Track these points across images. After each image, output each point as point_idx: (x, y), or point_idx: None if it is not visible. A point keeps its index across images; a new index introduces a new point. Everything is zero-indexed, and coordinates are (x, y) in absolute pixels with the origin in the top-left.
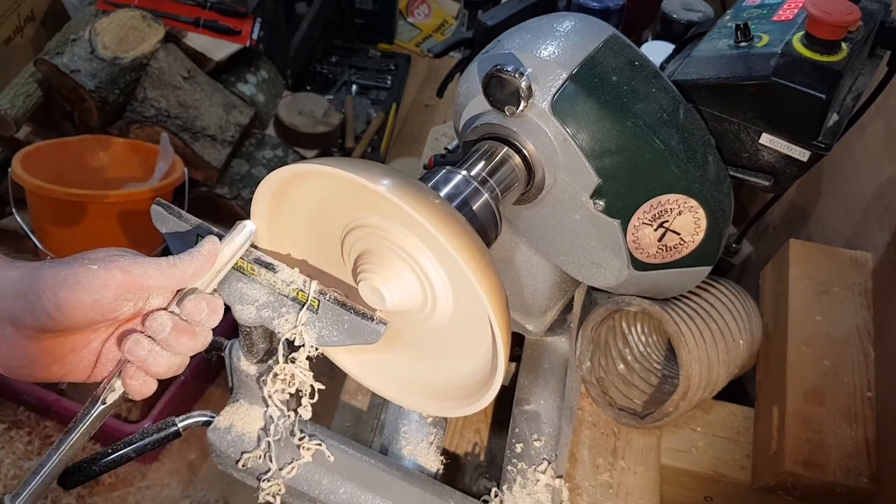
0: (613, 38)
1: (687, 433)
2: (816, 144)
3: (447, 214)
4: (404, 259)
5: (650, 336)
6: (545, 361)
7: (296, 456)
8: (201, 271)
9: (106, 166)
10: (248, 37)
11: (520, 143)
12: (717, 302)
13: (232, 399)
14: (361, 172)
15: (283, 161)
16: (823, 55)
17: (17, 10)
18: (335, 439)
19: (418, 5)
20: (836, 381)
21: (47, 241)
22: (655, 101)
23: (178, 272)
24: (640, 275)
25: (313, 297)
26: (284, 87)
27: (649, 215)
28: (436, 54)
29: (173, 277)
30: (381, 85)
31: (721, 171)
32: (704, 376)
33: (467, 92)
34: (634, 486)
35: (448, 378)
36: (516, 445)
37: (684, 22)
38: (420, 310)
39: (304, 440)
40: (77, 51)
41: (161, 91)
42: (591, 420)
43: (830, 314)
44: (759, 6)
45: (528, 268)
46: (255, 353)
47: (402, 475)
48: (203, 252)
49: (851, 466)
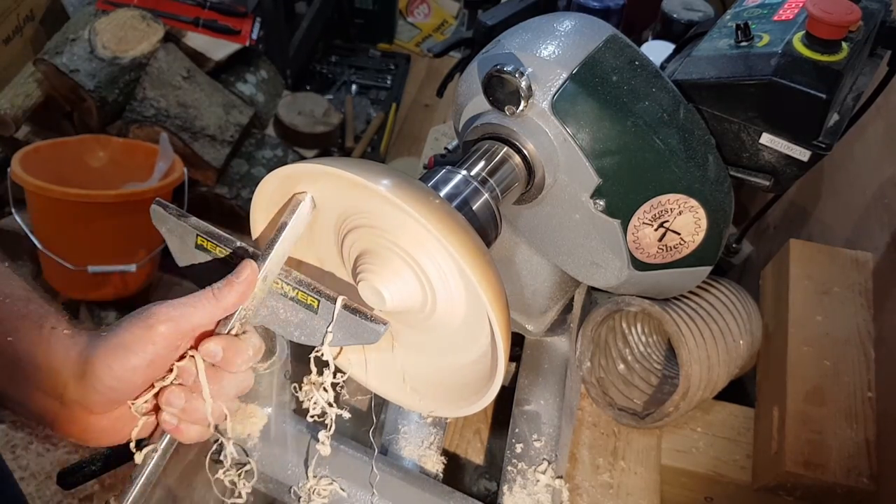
0: (614, 37)
1: (687, 433)
2: (817, 144)
3: (447, 214)
4: (404, 259)
5: (650, 336)
6: (545, 361)
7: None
8: (243, 298)
9: (105, 166)
10: (248, 36)
11: (520, 142)
12: (717, 302)
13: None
14: (361, 172)
15: (282, 161)
16: (824, 55)
17: (16, 10)
18: (335, 439)
19: (418, 5)
20: (836, 381)
21: (47, 242)
22: (656, 101)
23: (221, 304)
24: (640, 275)
25: (313, 296)
26: (284, 87)
27: (649, 215)
28: (436, 54)
29: (217, 310)
30: (380, 85)
31: (721, 171)
32: (704, 376)
33: (467, 92)
34: (635, 487)
35: (448, 378)
36: (516, 446)
37: (684, 22)
38: (420, 310)
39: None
40: (76, 50)
41: (160, 91)
42: (592, 420)
43: (831, 314)
44: (760, 6)
45: (528, 268)
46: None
47: (402, 475)
48: (242, 280)
49: (852, 467)
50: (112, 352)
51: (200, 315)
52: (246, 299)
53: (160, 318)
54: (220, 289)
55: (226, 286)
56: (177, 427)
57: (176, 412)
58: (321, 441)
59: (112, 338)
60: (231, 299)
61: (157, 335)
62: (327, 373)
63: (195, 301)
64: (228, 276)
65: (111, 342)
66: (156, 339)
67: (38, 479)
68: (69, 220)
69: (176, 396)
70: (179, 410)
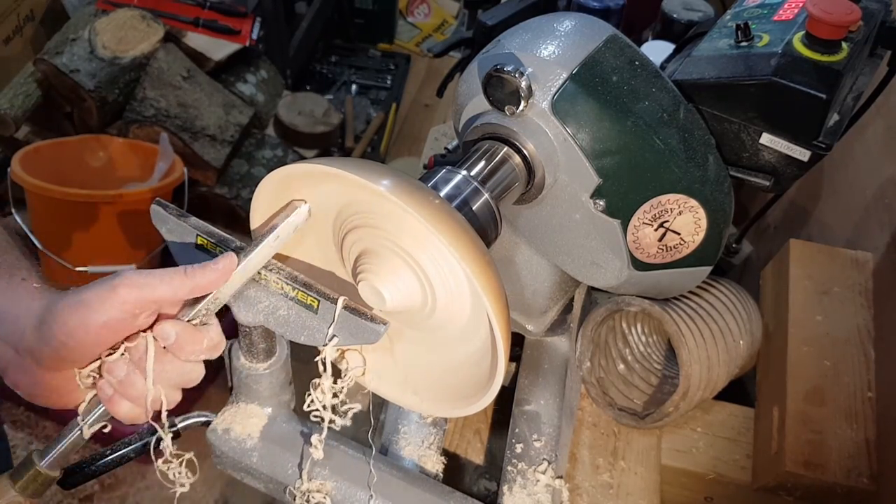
0: (614, 37)
1: (687, 433)
2: (817, 144)
3: (447, 214)
4: (404, 259)
5: (650, 336)
6: (545, 361)
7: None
8: (213, 285)
9: (105, 166)
10: (248, 36)
11: (520, 142)
12: (717, 302)
13: (231, 399)
14: (361, 172)
15: (282, 161)
16: (824, 55)
17: (16, 10)
18: (335, 439)
19: (418, 5)
20: (836, 381)
21: (47, 242)
22: (656, 101)
23: (189, 283)
24: (640, 275)
25: (313, 296)
26: (284, 87)
27: (649, 215)
28: (436, 54)
29: (183, 288)
30: (380, 85)
31: (721, 171)
32: (704, 376)
33: (467, 92)
34: (635, 487)
35: (448, 378)
36: (516, 446)
37: (684, 22)
38: (420, 310)
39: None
40: (76, 50)
41: (161, 91)
42: (592, 420)
43: (831, 314)
44: (760, 6)
45: (528, 268)
46: (255, 354)
47: (402, 475)
48: (219, 267)
49: (852, 467)
50: (71, 308)
51: (166, 288)
52: (216, 287)
53: (125, 282)
54: (194, 269)
55: (199, 268)
56: (111, 397)
57: (114, 382)
58: (314, 444)
59: (74, 295)
60: (200, 281)
61: (118, 298)
62: (325, 375)
63: (164, 275)
64: (206, 262)
65: (73, 298)
66: (116, 301)
67: None
68: (69, 220)
69: (117, 366)
70: (117, 382)
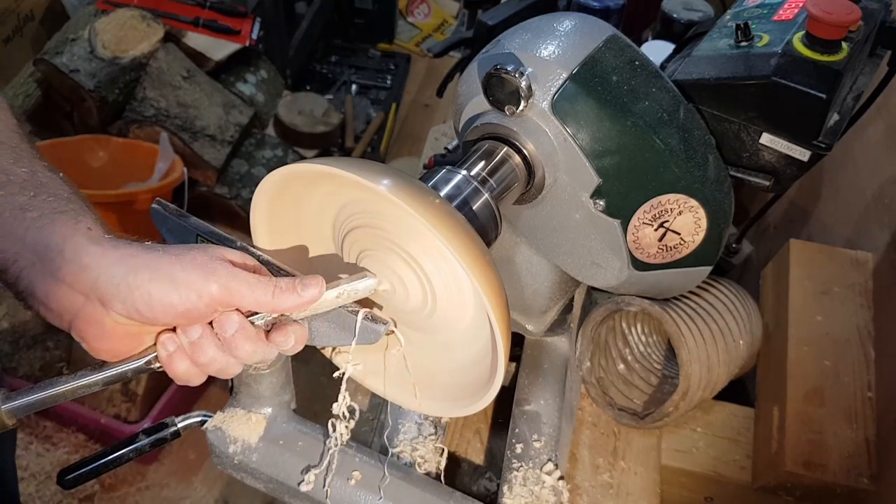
0: (613, 37)
1: (687, 433)
2: (817, 144)
3: (447, 214)
4: (404, 259)
5: (650, 336)
6: (545, 361)
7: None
8: (296, 311)
9: (105, 166)
10: (248, 36)
11: (520, 142)
12: (717, 302)
13: (231, 399)
14: (361, 172)
15: (282, 161)
16: (824, 55)
17: (16, 10)
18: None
19: (418, 5)
20: (836, 381)
21: None
22: (655, 101)
23: (272, 303)
24: (640, 275)
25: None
26: (284, 87)
27: (649, 215)
28: (436, 54)
29: (266, 305)
30: (380, 85)
31: (721, 171)
32: (704, 376)
33: (467, 92)
34: (634, 487)
35: (448, 378)
36: (516, 446)
37: (684, 21)
38: (420, 310)
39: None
40: (76, 50)
41: (160, 91)
42: (592, 420)
43: (831, 314)
44: (760, 6)
45: (528, 268)
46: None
47: (402, 475)
48: (306, 296)
49: (852, 467)
50: (158, 282)
51: (250, 301)
52: (296, 312)
53: (219, 279)
54: (282, 290)
55: (288, 292)
56: (171, 354)
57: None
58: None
59: (164, 266)
60: (284, 305)
61: (206, 292)
62: (342, 393)
63: (256, 285)
64: (296, 280)
65: (164, 272)
66: (204, 294)
67: (38, 479)
68: None
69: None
70: (189, 342)
